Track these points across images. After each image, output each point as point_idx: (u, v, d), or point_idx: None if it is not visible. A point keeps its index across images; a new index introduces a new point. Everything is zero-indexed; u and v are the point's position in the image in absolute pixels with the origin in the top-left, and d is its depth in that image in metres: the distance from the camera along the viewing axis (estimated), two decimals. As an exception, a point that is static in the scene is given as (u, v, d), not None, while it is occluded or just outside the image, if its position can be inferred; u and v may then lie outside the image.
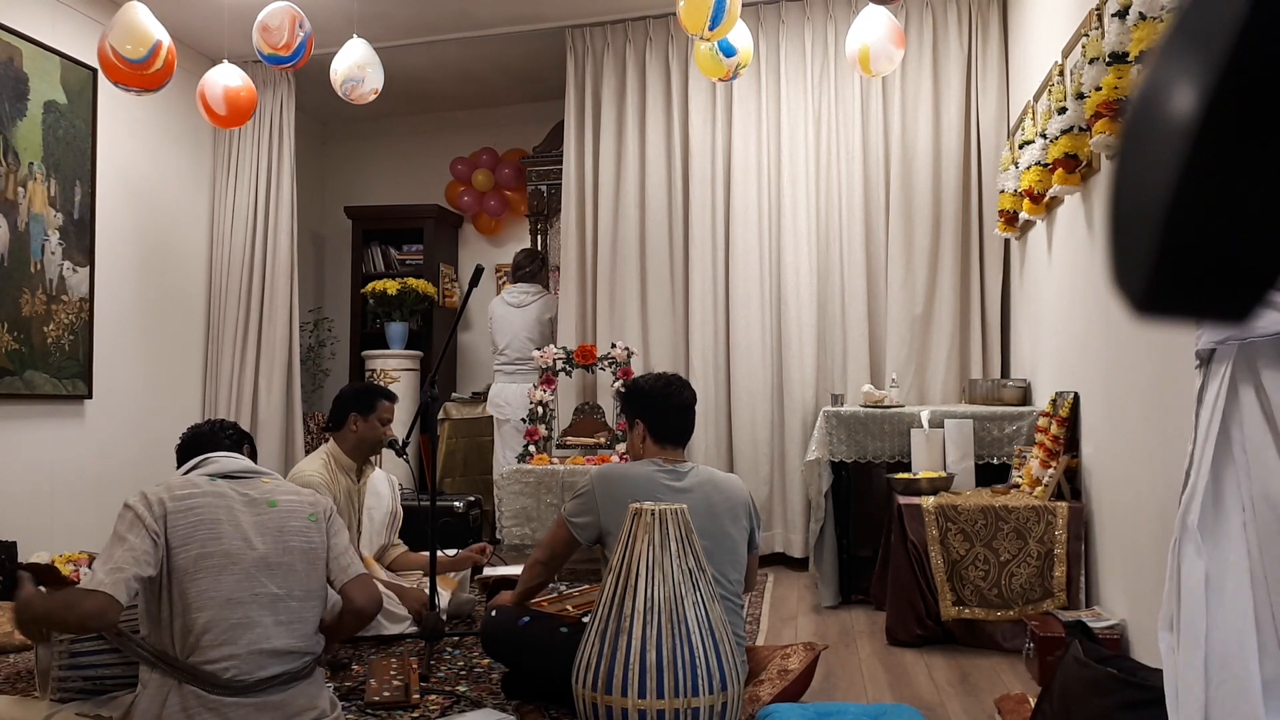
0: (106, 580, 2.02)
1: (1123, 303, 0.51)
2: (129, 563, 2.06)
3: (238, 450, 2.61)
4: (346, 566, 2.37)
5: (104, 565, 2.06)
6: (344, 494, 3.60)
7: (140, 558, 2.08)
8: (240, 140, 5.95)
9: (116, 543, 2.10)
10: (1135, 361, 2.81)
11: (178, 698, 2.09)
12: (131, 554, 2.07)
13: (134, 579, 2.06)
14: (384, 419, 3.68)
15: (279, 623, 2.19)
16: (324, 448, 3.68)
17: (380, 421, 3.67)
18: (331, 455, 3.64)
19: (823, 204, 5.20)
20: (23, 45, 4.57)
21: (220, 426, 2.71)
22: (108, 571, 2.04)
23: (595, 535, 2.75)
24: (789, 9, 5.30)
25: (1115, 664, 2.24)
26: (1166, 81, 0.48)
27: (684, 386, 2.91)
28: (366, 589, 2.39)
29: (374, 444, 3.68)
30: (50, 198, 4.73)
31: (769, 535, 5.11)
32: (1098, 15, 2.99)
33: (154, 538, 2.11)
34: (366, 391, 3.74)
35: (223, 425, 2.72)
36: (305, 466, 3.61)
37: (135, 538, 2.10)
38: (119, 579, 2.03)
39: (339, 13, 5.01)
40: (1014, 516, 3.48)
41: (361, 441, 3.65)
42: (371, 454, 3.73)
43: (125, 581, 2.04)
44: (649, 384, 2.91)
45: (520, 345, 5.66)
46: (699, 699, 2.25)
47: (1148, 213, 0.48)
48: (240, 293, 5.89)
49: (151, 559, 2.10)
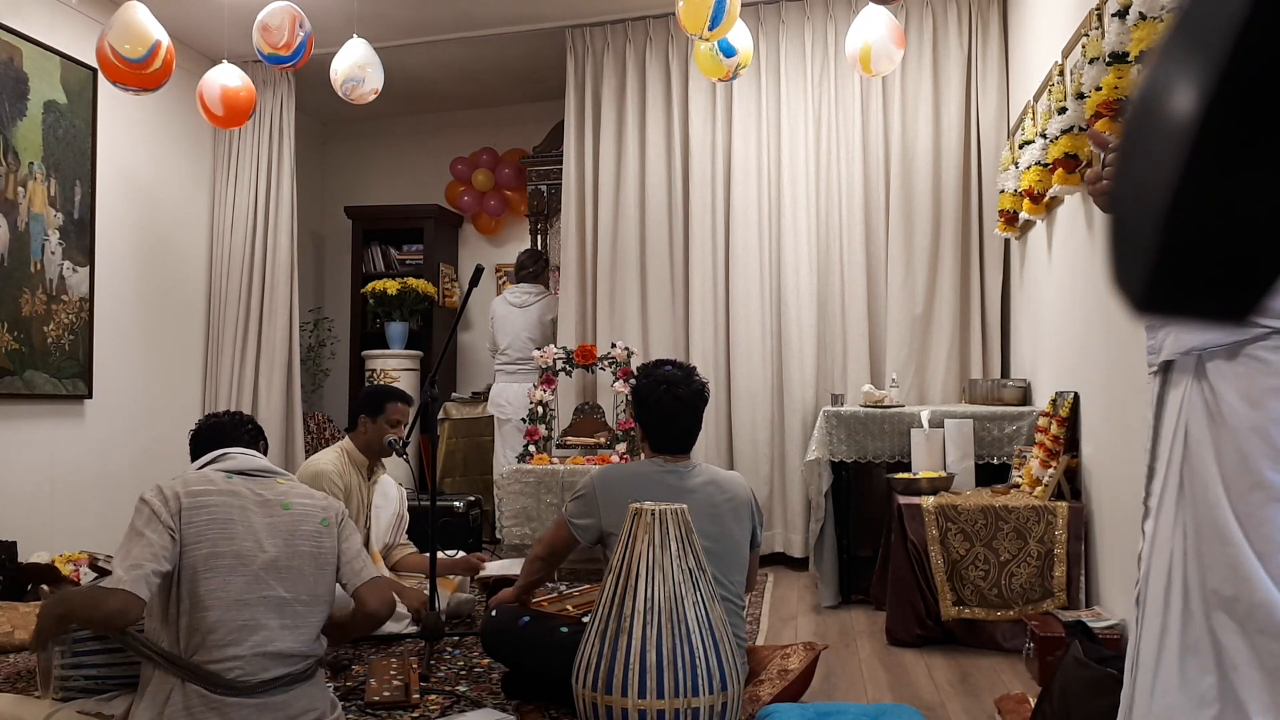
0: (126, 578, 2.03)
1: (1123, 302, 0.51)
2: (148, 558, 2.07)
3: (255, 446, 2.58)
4: (360, 570, 2.37)
5: (123, 562, 2.07)
6: (355, 490, 3.69)
7: (158, 553, 2.09)
8: (240, 140, 5.95)
9: (134, 538, 2.11)
10: (1135, 361, 2.81)
11: (180, 696, 2.09)
12: (150, 550, 2.08)
13: (153, 574, 2.07)
14: (393, 421, 3.72)
15: (285, 626, 2.19)
16: (340, 443, 3.80)
17: (389, 424, 3.71)
18: (346, 451, 3.75)
19: (823, 204, 5.20)
20: (23, 45, 4.57)
21: (240, 420, 2.66)
22: (127, 569, 2.05)
23: (596, 537, 2.74)
24: (789, 9, 5.31)
25: (1115, 664, 2.24)
26: (1166, 81, 0.48)
27: (679, 384, 2.74)
28: (380, 593, 2.39)
29: (379, 445, 3.74)
30: (50, 197, 4.73)
31: (769, 535, 5.12)
32: (1098, 15, 2.99)
33: (171, 533, 2.13)
34: (377, 394, 3.78)
35: (242, 419, 2.67)
36: (320, 457, 3.72)
37: (153, 533, 2.11)
38: (138, 576, 2.04)
39: (339, 13, 5.01)
40: (1014, 516, 3.48)
41: (369, 442, 3.73)
42: (382, 455, 3.78)
43: (145, 578, 2.05)
44: (646, 387, 2.77)
45: (521, 345, 5.67)
46: (699, 699, 2.25)
47: (1148, 212, 0.48)
48: (240, 293, 5.89)
49: (169, 554, 2.11)
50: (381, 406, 3.70)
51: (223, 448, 2.47)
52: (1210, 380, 1.43)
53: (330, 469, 3.59)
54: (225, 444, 2.49)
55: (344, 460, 3.69)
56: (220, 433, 2.58)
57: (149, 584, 2.06)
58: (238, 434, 2.58)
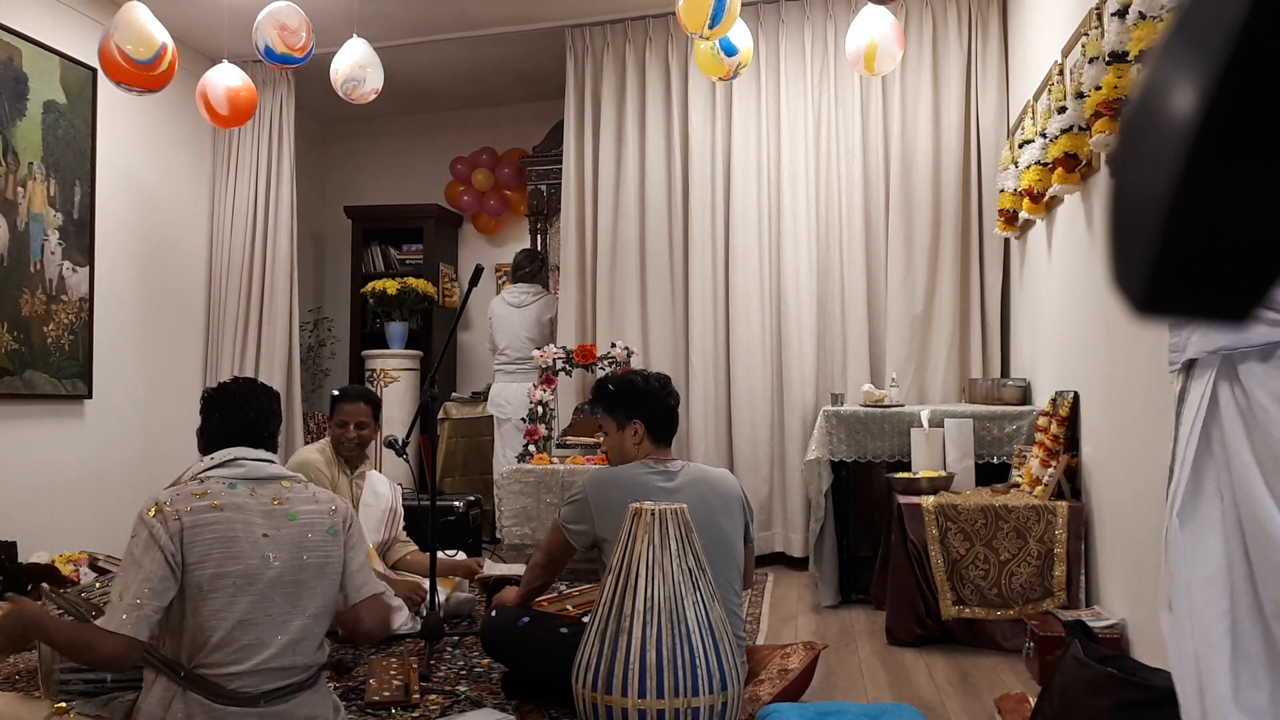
0: (127, 620, 1.99)
1: (1123, 303, 0.51)
2: (147, 596, 2.01)
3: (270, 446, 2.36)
4: (361, 586, 2.31)
5: (122, 600, 2.01)
6: (339, 483, 3.81)
7: (157, 588, 2.03)
8: (240, 140, 5.95)
9: (132, 568, 2.05)
10: (1135, 361, 2.81)
11: (181, 704, 2.07)
12: (148, 585, 2.02)
13: (154, 612, 2.03)
14: (343, 420, 3.82)
15: (290, 642, 2.15)
16: (325, 439, 3.95)
17: (339, 424, 3.82)
18: (329, 445, 3.89)
19: (823, 204, 5.20)
20: (22, 45, 4.57)
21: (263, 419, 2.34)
22: (127, 608, 2.00)
23: (590, 542, 2.73)
24: (789, 9, 5.30)
25: (1115, 664, 2.24)
26: (1166, 81, 0.48)
27: (666, 384, 2.89)
28: (377, 612, 2.35)
29: (339, 444, 3.83)
30: (50, 197, 4.73)
31: (769, 535, 5.11)
32: (1097, 15, 2.99)
33: (170, 560, 2.05)
34: (334, 395, 3.91)
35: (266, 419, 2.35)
36: (307, 448, 3.92)
37: (150, 564, 2.04)
38: (139, 617, 2.00)
39: (339, 13, 5.01)
40: (1014, 516, 3.48)
41: (334, 441, 3.86)
42: (348, 453, 3.84)
43: (145, 619, 2.01)
44: (646, 383, 2.85)
45: (520, 345, 5.67)
46: (699, 699, 2.25)
47: (1147, 212, 0.48)
48: (240, 292, 5.89)
49: (171, 583, 2.06)
50: (333, 407, 3.86)
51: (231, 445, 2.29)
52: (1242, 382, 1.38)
53: (317, 458, 3.75)
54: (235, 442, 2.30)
55: (326, 453, 3.83)
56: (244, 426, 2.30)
57: (149, 624, 2.02)
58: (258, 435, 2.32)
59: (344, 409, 3.82)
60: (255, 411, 2.32)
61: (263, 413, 2.34)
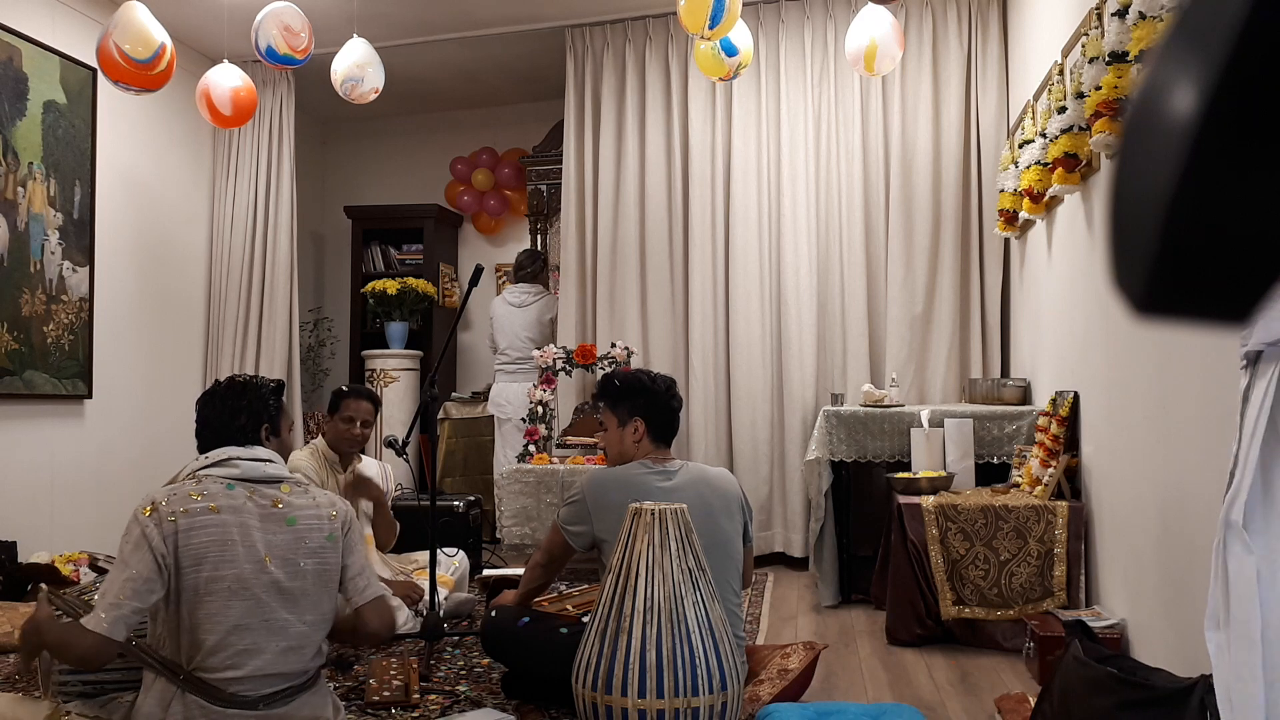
0: (105, 619, 1.98)
1: (1123, 303, 0.51)
2: (129, 595, 2.00)
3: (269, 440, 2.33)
4: (363, 588, 2.29)
5: (105, 598, 2.00)
6: (328, 485, 3.74)
7: (140, 588, 2.01)
8: (240, 140, 5.95)
9: (119, 567, 2.04)
10: (1135, 361, 2.81)
11: (180, 706, 2.07)
12: (132, 585, 2.01)
13: (133, 613, 2.01)
14: (348, 418, 3.77)
15: (288, 648, 2.14)
16: (315, 440, 3.90)
17: (343, 421, 3.77)
18: (320, 448, 3.83)
19: (823, 204, 5.20)
20: (22, 45, 4.57)
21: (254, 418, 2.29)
22: (107, 608, 1.99)
23: (589, 542, 2.73)
24: (789, 9, 5.30)
25: (1115, 663, 2.24)
26: (1166, 81, 0.48)
27: (670, 385, 2.89)
28: (382, 613, 2.33)
29: (341, 441, 3.79)
30: (50, 197, 4.73)
31: (769, 535, 5.11)
32: (1097, 15, 2.99)
33: (160, 561, 2.04)
34: (336, 393, 3.86)
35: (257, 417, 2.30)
36: (294, 454, 3.72)
37: (138, 563, 2.02)
38: (117, 618, 1.99)
39: (339, 13, 5.01)
40: (1014, 516, 3.48)
41: (333, 439, 3.81)
42: (347, 450, 3.82)
43: (123, 619, 2.00)
44: (653, 382, 2.85)
45: (520, 345, 5.67)
46: (699, 699, 2.25)
47: (1148, 212, 0.48)
48: (240, 292, 5.89)
49: (156, 584, 2.04)
50: (337, 404, 3.80)
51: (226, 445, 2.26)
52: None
53: (304, 464, 3.64)
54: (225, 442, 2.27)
55: (317, 456, 3.78)
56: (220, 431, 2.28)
57: (126, 625, 2.00)
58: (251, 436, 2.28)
59: (351, 405, 3.77)
60: (243, 413, 2.29)
61: (252, 412, 2.30)
